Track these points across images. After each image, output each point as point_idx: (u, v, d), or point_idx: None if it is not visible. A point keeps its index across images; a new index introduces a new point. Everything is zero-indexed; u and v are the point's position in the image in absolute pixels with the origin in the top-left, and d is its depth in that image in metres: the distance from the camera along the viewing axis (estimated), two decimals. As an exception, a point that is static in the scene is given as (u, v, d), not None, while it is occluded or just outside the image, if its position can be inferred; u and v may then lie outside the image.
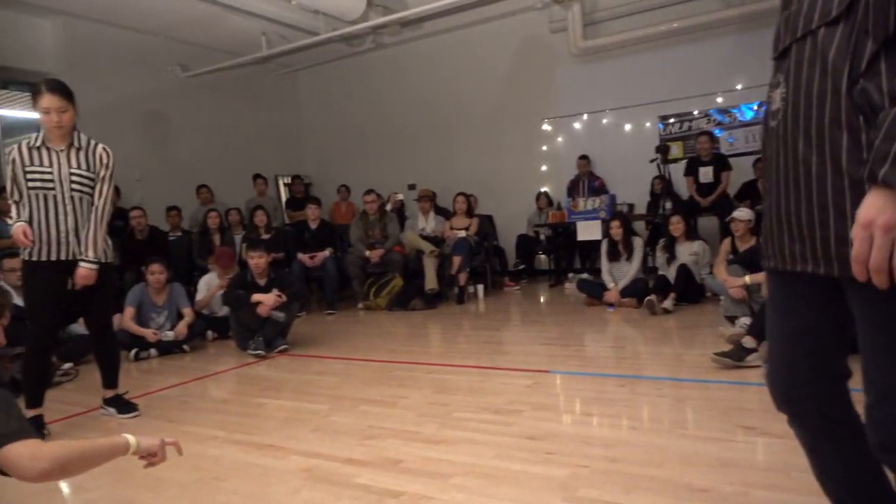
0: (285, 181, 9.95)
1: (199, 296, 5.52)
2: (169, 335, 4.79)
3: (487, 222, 7.79)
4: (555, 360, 3.75)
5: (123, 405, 3.16)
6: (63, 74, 7.25)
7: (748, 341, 3.20)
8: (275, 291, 4.64)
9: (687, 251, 5.17)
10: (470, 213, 7.12)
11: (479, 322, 5.48)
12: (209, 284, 5.54)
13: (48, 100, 2.65)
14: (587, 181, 7.70)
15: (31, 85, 7.52)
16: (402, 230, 7.05)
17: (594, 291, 5.65)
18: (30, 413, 2.81)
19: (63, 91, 2.69)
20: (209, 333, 5.36)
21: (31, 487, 2.25)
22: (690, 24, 7.08)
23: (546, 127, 8.50)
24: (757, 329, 3.20)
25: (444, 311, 6.19)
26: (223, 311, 5.33)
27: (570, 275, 7.33)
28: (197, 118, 8.72)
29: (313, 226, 6.91)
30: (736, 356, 3.16)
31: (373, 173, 9.48)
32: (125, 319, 4.75)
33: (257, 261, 4.71)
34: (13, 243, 2.98)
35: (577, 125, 8.29)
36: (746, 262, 4.14)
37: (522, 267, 7.95)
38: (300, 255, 6.65)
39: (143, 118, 8.07)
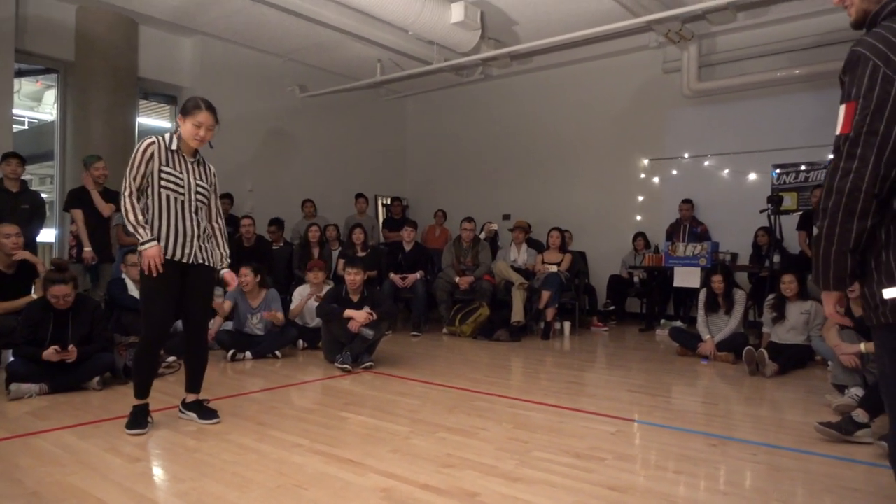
0: (384, 201, 10.26)
1: (293, 305, 5.77)
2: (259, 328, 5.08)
3: (580, 259, 7.67)
4: (640, 409, 3.62)
5: (205, 411, 3.17)
6: (195, 89, 7.89)
7: (860, 415, 2.96)
8: (366, 309, 4.78)
9: (797, 311, 4.86)
10: (563, 248, 7.04)
11: (563, 360, 5.38)
12: (302, 295, 5.79)
13: (204, 116, 2.90)
14: (689, 226, 7.43)
15: (167, 97, 8.31)
16: (494, 260, 7.07)
17: (688, 341, 5.42)
18: (137, 402, 3.02)
19: (216, 112, 2.94)
20: (300, 342, 5.57)
21: (127, 473, 2.43)
22: (812, 71, 6.74)
23: (649, 167, 8.31)
24: (871, 403, 2.95)
25: (528, 345, 6.13)
26: (314, 322, 5.54)
27: (663, 321, 7.06)
28: (309, 136, 9.20)
29: (407, 247, 7.07)
30: (844, 429, 2.93)
31: (469, 200, 9.60)
32: (216, 305, 5.05)
33: (353, 277, 4.87)
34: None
35: (681, 168, 8.05)
36: (863, 327, 3.84)
37: (612, 308, 7.75)
38: (392, 275, 6.81)
39: (261, 133, 8.60)
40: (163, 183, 2.88)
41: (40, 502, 2.15)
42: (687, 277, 6.33)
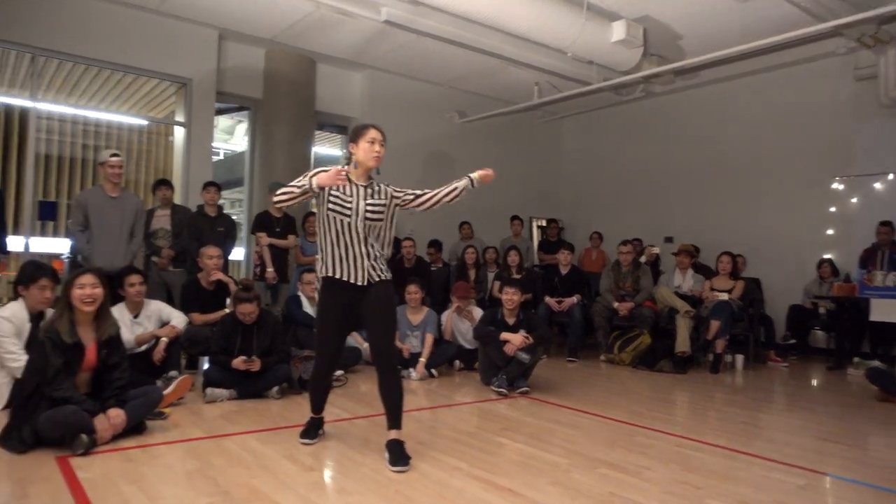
0: (539, 223, 10.21)
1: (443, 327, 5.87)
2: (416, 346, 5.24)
3: (754, 287, 7.04)
4: (831, 460, 3.20)
5: (398, 456, 2.82)
6: (364, 118, 8.45)
7: None
8: (522, 332, 4.75)
9: None
10: (735, 274, 6.51)
11: (735, 397, 4.94)
12: (448, 316, 5.86)
13: (374, 132, 3.00)
14: (888, 252, 6.52)
15: (339, 128, 8.98)
16: (656, 285, 6.72)
17: (889, 384, 4.73)
18: (313, 415, 3.24)
19: (383, 131, 3.06)
20: (457, 363, 5.67)
21: (303, 481, 2.58)
22: None
23: (837, 186, 7.46)
24: None
25: (694, 378, 5.72)
26: (471, 343, 5.61)
27: (856, 359, 6.23)
28: (466, 160, 9.41)
29: (564, 270, 6.95)
30: None
31: (628, 222, 9.25)
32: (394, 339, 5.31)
33: (511, 297, 4.87)
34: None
35: (878, 186, 7.12)
36: None
37: (793, 342, 7.00)
38: (548, 299, 6.72)
39: (422, 158, 8.98)
40: (329, 206, 2.92)
41: (231, 502, 2.37)
42: (887, 310, 5.55)
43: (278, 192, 2.90)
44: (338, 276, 2.96)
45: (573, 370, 5.99)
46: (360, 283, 2.97)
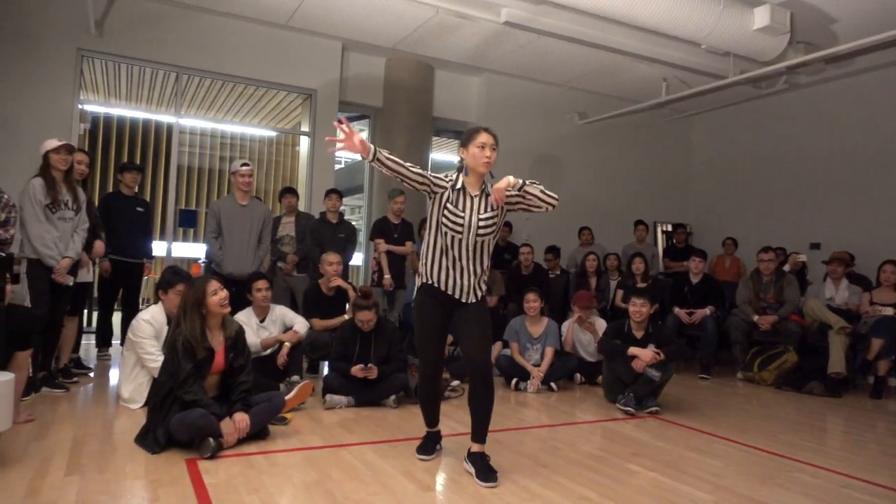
0: (665, 228, 9.62)
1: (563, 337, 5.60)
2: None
3: (923, 301, 6.15)
4: None
5: (485, 470, 2.74)
6: (481, 123, 8.34)
7: None
8: (652, 347, 4.39)
9: None
10: (901, 286, 5.71)
11: (905, 428, 4.28)
12: (568, 327, 5.58)
13: (485, 136, 2.81)
14: None
15: (455, 133, 8.95)
16: (803, 297, 6.04)
17: None
18: (429, 430, 3.13)
19: (495, 134, 2.89)
20: (577, 376, 5.38)
21: (420, 501, 2.44)
22: None
23: None
24: None
25: (850, 404, 5.05)
26: (593, 356, 5.30)
27: None
28: (586, 162, 9.08)
29: (695, 279, 6.42)
30: None
31: (766, 227, 8.48)
32: (513, 353, 5.13)
33: (639, 308, 4.53)
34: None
35: None
36: None
37: (974, 365, 6.02)
38: (677, 310, 6.24)
39: (541, 161, 8.73)
40: (443, 220, 2.78)
41: (347, 519, 2.29)
42: None
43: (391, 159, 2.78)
44: (440, 287, 2.84)
45: (706, 388, 5.50)
46: (462, 300, 2.85)
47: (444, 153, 9.88)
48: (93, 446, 3.02)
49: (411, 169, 2.77)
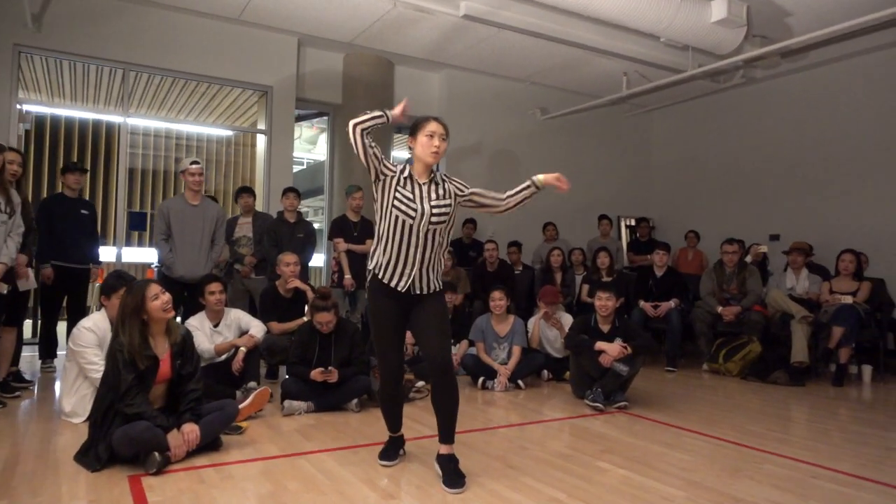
0: (628, 223, 9.65)
1: (530, 335, 5.52)
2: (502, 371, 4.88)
3: (880, 288, 6.25)
4: None
5: (453, 476, 2.61)
6: (442, 119, 8.23)
7: None
8: (619, 341, 4.33)
9: None
10: (859, 275, 5.79)
11: (867, 415, 4.30)
12: (534, 322, 5.52)
13: (434, 125, 2.71)
14: None
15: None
16: (766, 287, 6.09)
17: None
18: (391, 435, 2.98)
19: (445, 124, 2.77)
20: (545, 373, 5.31)
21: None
22: None
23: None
24: None
25: (813, 392, 5.09)
26: (560, 352, 5.23)
27: None
28: (548, 158, 9.02)
29: (659, 272, 6.42)
30: None
31: (727, 220, 8.56)
32: (479, 352, 5.02)
33: (605, 302, 4.47)
34: None
35: None
36: None
37: (930, 350, 6.16)
38: (642, 303, 6.23)
39: (503, 157, 8.65)
40: (395, 203, 2.65)
41: (303, 534, 2.14)
42: None
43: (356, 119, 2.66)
44: (390, 282, 2.68)
45: (673, 381, 5.48)
46: (413, 293, 2.69)
47: (405, 150, 9.73)
48: (27, 465, 2.79)
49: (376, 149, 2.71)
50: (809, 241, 6.93)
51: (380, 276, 2.71)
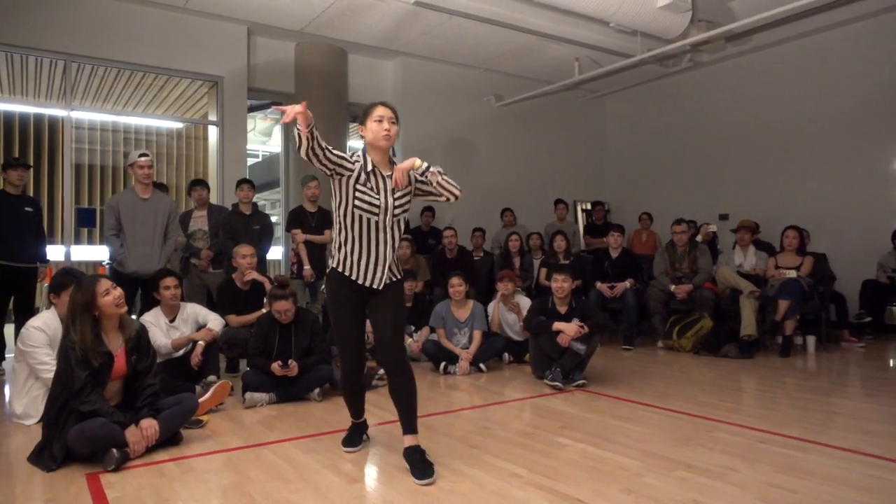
0: (584, 207, 9.82)
1: (490, 318, 5.59)
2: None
3: (822, 262, 6.53)
4: (944, 453, 2.80)
5: (421, 467, 2.54)
6: (398, 107, 8.18)
7: None
8: (576, 321, 4.43)
9: None
10: (802, 250, 6.04)
11: (810, 383, 4.52)
12: (493, 306, 5.59)
13: (382, 109, 2.67)
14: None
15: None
16: (715, 265, 6.29)
17: None
18: (354, 422, 3.00)
19: (393, 107, 2.74)
20: (506, 356, 5.39)
21: (346, 495, 2.34)
22: None
23: (912, 149, 6.87)
24: None
25: (762, 363, 5.31)
26: (520, 335, 5.32)
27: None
28: (504, 145, 9.11)
29: (614, 254, 6.57)
30: None
31: (679, 201, 8.80)
32: (440, 338, 5.06)
33: (561, 284, 4.56)
34: None
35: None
36: None
37: (868, 320, 6.46)
38: (599, 284, 6.37)
39: (459, 145, 8.69)
40: (357, 202, 2.60)
41: (267, 520, 2.15)
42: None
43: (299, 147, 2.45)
44: (353, 277, 2.66)
45: (629, 359, 5.64)
46: (375, 287, 2.69)
47: (361, 140, 9.67)
48: (-22, 469, 2.72)
49: (332, 152, 2.53)
50: (756, 219, 7.17)
51: (346, 274, 2.66)
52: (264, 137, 14.65)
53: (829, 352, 5.86)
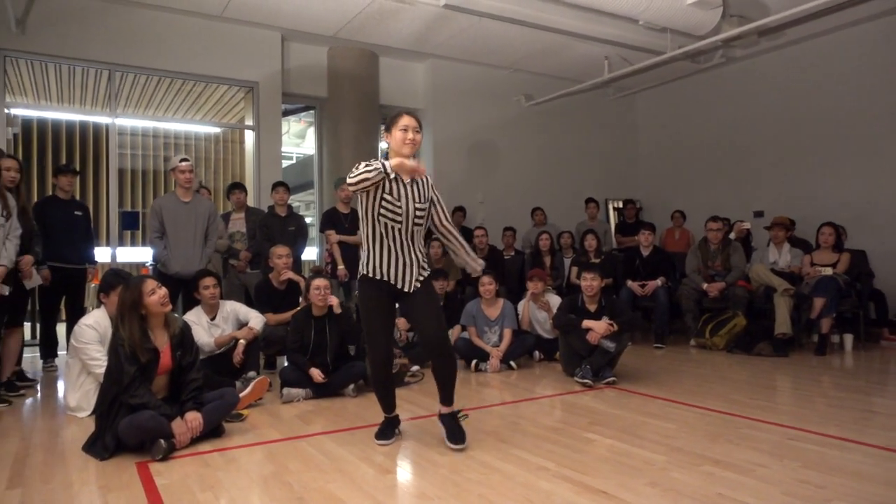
0: (615, 205, 9.78)
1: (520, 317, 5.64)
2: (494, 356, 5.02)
3: (861, 259, 6.41)
4: (981, 452, 2.77)
5: (455, 432, 2.90)
6: (428, 110, 8.31)
7: None
8: (605, 319, 4.47)
9: None
10: (838, 247, 5.94)
11: (847, 381, 4.46)
12: (524, 305, 5.63)
13: (407, 119, 2.86)
14: None
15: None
16: (749, 262, 6.23)
17: None
18: (386, 416, 3.12)
19: (417, 117, 2.92)
20: (536, 354, 5.44)
21: (379, 485, 2.44)
22: None
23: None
24: None
25: (797, 362, 5.25)
26: (550, 333, 5.36)
27: None
28: (535, 144, 9.14)
29: (645, 252, 6.56)
30: None
31: (712, 198, 8.70)
32: (471, 336, 5.15)
33: (591, 282, 4.60)
34: None
35: None
36: None
37: (910, 318, 6.34)
38: (630, 283, 6.37)
39: (490, 145, 8.76)
40: (382, 211, 2.78)
41: (305, 507, 2.26)
42: None
43: (350, 177, 2.67)
44: (383, 277, 2.89)
45: (661, 357, 5.63)
46: (406, 290, 2.91)
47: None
48: (37, 457, 2.90)
49: (372, 170, 2.67)
50: (791, 215, 7.07)
51: (374, 276, 2.89)
52: (298, 140, 14.91)
53: (868, 350, 5.76)
